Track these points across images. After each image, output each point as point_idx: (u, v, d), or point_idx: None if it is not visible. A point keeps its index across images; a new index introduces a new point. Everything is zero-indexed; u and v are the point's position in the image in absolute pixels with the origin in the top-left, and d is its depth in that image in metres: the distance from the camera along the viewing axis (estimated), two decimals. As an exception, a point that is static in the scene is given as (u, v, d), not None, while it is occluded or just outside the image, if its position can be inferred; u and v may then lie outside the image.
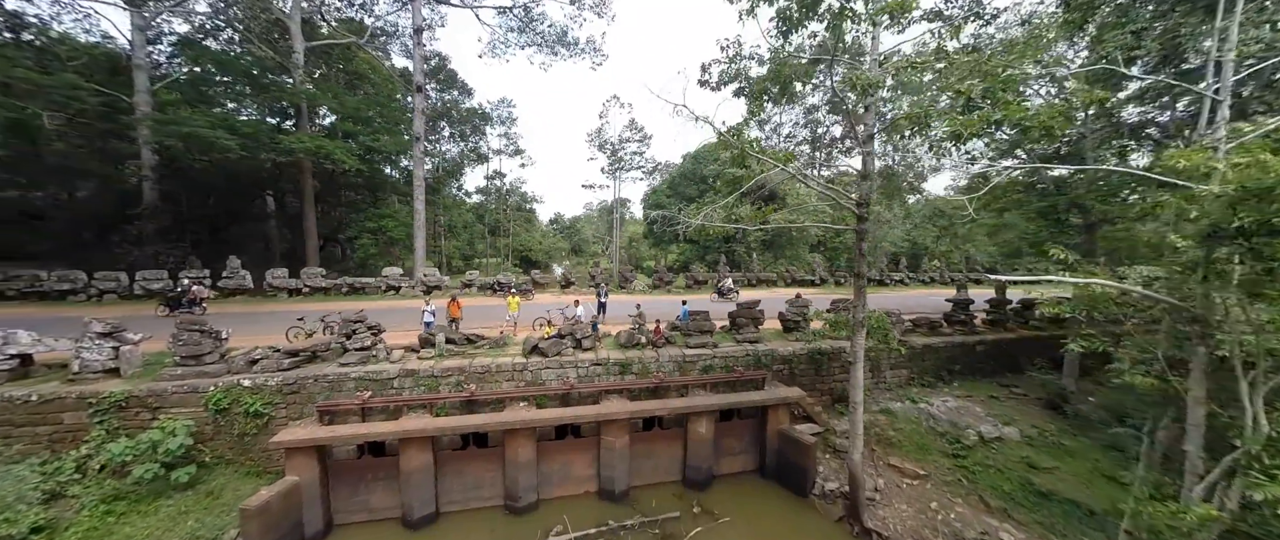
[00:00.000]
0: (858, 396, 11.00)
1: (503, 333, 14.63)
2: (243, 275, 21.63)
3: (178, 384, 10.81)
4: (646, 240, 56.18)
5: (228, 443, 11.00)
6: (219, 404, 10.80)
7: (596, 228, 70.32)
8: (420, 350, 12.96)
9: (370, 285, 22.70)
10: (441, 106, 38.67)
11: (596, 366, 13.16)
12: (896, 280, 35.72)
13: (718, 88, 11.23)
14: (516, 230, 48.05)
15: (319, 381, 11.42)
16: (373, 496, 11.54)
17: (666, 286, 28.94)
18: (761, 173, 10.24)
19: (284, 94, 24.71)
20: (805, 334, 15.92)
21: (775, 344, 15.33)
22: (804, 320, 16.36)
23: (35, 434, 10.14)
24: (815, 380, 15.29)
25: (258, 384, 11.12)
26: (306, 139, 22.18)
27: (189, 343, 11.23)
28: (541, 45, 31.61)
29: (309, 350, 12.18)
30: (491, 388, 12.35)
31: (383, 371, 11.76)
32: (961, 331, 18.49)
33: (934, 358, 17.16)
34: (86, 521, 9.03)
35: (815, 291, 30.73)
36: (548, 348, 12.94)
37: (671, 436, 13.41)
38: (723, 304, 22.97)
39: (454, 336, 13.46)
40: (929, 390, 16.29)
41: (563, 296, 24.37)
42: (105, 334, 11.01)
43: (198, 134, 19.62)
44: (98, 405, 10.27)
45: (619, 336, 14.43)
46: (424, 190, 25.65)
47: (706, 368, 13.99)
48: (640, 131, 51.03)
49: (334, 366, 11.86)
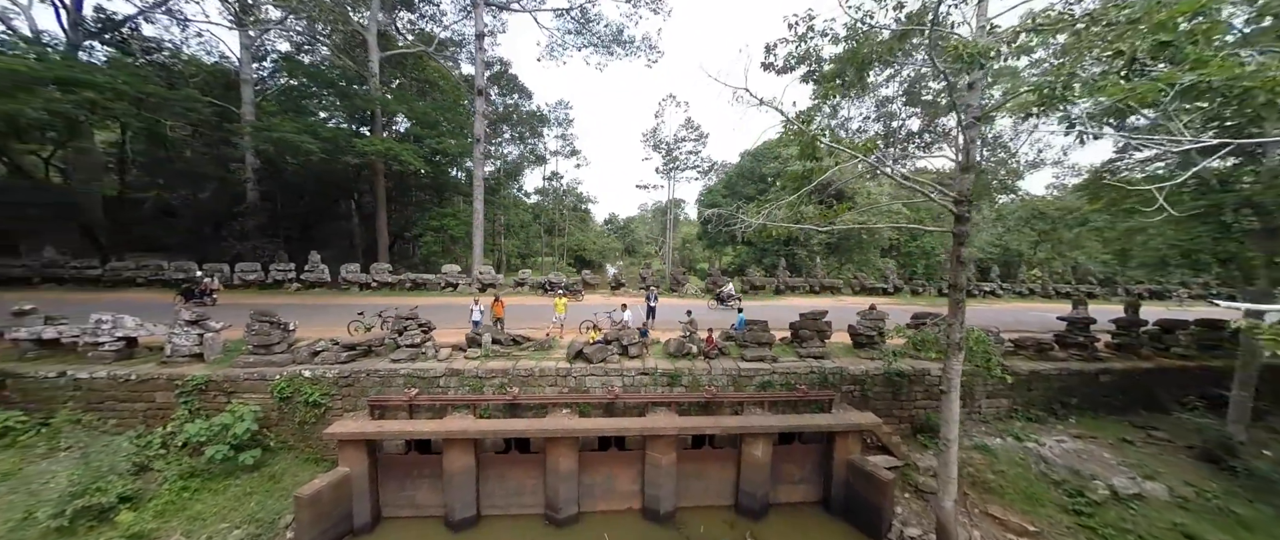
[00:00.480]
0: (951, 432, 9.22)
1: (548, 335, 14.26)
2: (321, 269, 23.33)
3: (248, 371, 11.45)
4: (701, 242, 54.70)
5: (290, 429, 11.49)
6: (282, 392, 11.29)
7: (650, 228, 69.86)
8: (467, 349, 12.87)
9: (430, 281, 23.59)
10: (503, 110, 39.97)
11: (643, 376, 12.33)
12: (987, 291, 31.53)
13: (783, 71, 9.96)
14: (572, 230, 48.67)
15: (371, 376, 11.62)
16: (418, 493, 11.53)
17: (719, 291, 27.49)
18: (835, 165, 8.85)
19: (362, 101, 26.51)
20: (881, 352, 14.03)
21: (844, 361, 13.63)
22: (879, 335, 14.46)
23: (133, 410, 11.16)
24: (892, 405, 13.39)
25: (317, 375, 11.51)
26: (378, 142, 23.55)
27: (259, 332, 11.88)
28: (597, 46, 31.55)
29: (365, 345, 12.50)
30: (534, 392, 11.94)
31: (430, 369, 11.75)
32: (1079, 356, 15.49)
33: (1043, 386, 14.47)
34: (165, 495, 9.68)
35: (888, 301, 27.80)
36: (593, 353, 12.32)
37: (723, 457, 12.25)
38: (722, 311, 21.21)
39: (500, 337, 13.26)
40: (1037, 426, 13.71)
41: (612, 298, 23.87)
42: (192, 322, 11.95)
43: (286, 139, 21.42)
44: (182, 387, 11.10)
45: (668, 344, 13.51)
46: (483, 191, 26.35)
47: (764, 384, 12.67)
48: (696, 130, 49.78)
49: (386, 362, 12.04)
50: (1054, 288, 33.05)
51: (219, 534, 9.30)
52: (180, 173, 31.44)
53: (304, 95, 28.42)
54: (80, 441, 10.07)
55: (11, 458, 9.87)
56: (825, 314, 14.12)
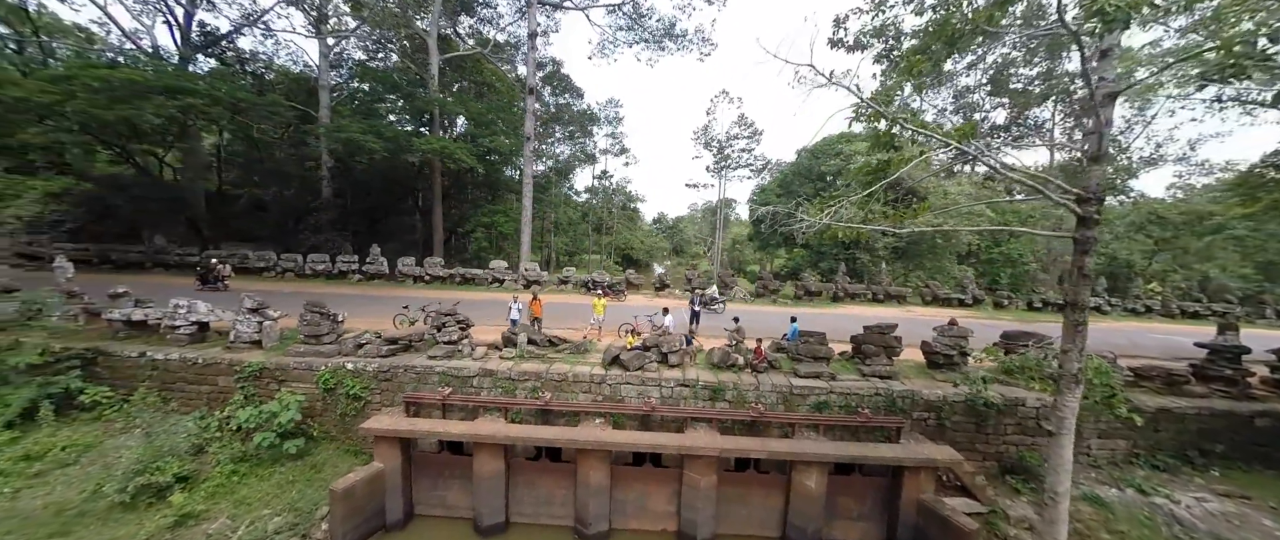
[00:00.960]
0: (1062, 483, 7.47)
1: (586, 337, 13.68)
2: (381, 262, 24.48)
3: (298, 360, 11.80)
4: (752, 243, 52.46)
5: (332, 420, 11.72)
6: (326, 383, 11.53)
7: (699, 228, 68.30)
8: (502, 349, 12.56)
9: (479, 276, 24.01)
10: (555, 109, 40.34)
11: (683, 387, 11.36)
12: (1091, 307, 27.19)
13: (854, 48, 8.64)
14: (620, 229, 48.37)
15: (408, 372, 11.58)
16: (450, 493, 11.34)
17: (772, 296, 25.80)
18: (918, 156, 7.40)
19: (422, 103, 27.60)
20: (963, 375, 12.09)
21: (917, 383, 11.87)
22: (960, 355, 12.49)
23: (199, 392, 11.86)
24: (975, 439, 11.46)
25: (358, 368, 11.64)
26: (434, 141, 24.34)
27: (310, 323, 12.24)
28: (649, 41, 30.84)
29: (406, 339, 12.55)
30: (567, 398, 11.35)
31: (464, 368, 11.52)
32: (1226, 393, 12.56)
33: (1175, 428, 11.83)
34: (217, 477, 10.09)
35: (966, 314, 24.73)
36: (629, 361, 11.54)
37: (770, 483, 11.02)
38: (711, 316, 19.40)
39: (536, 337, 12.84)
40: (1167, 478, 11.18)
41: (655, 299, 23.02)
42: (253, 310, 12.55)
43: (353, 139, 22.61)
44: (240, 373, 11.63)
45: (712, 354, 12.43)
46: (532, 188, 26.49)
47: (819, 404, 11.26)
48: (749, 127, 47.69)
49: (423, 358, 11.97)
50: (1178, 306, 27.96)
51: (261, 520, 9.51)
52: (270, 172, 34.57)
53: (374, 99, 30.27)
54: (150, 420, 10.75)
55: (95, 431, 10.75)
56: (894, 327, 12.40)
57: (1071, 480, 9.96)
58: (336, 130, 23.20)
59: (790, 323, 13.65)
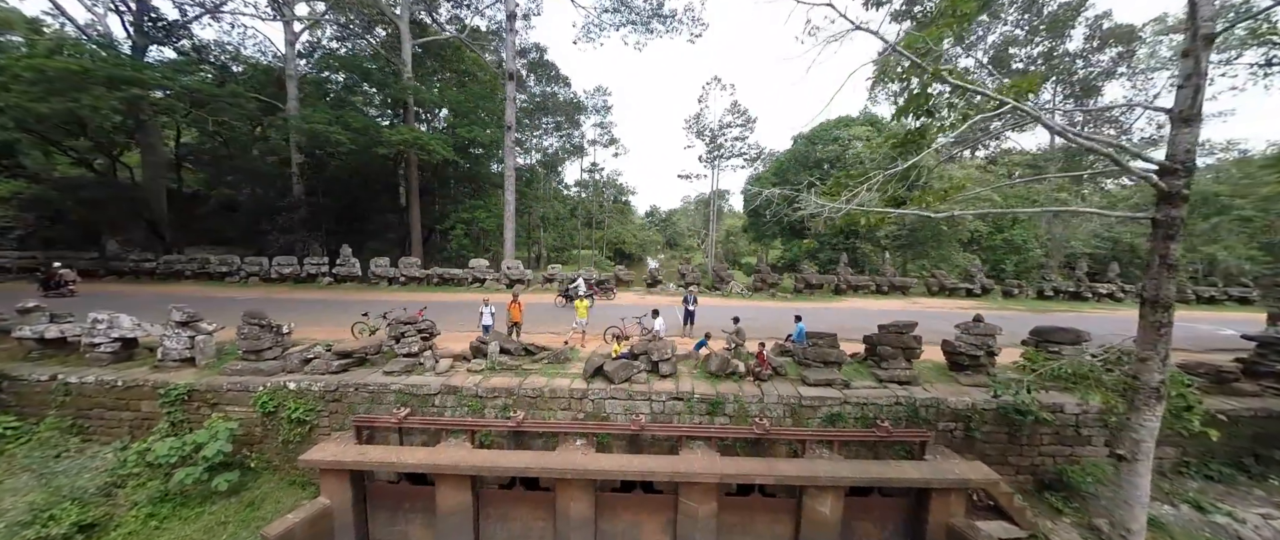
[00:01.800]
0: (1137, 520, 6.11)
1: (567, 343, 12.21)
2: (353, 263, 22.84)
3: (233, 380, 10.26)
4: (746, 234, 51.10)
5: (274, 448, 10.20)
6: (265, 406, 9.99)
7: (692, 221, 66.93)
8: (471, 360, 11.08)
9: (458, 277, 22.44)
10: (540, 98, 38.53)
11: (676, 401, 9.93)
12: (1103, 295, 26.08)
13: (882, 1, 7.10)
14: (611, 223, 46.79)
15: (360, 390, 10.06)
16: (412, 529, 9.89)
17: (771, 290, 24.40)
18: (958, 123, 5.93)
19: (395, 91, 25.79)
20: (998, 380, 10.73)
21: (940, 389, 10.51)
22: (987, 355, 11.13)
23: (120, 419, 10.30)
24: (1006, 451, 10.13)
25: (301, 388, 10.11)
26: (405, 131, 22.61)
27: (249, 336, 10.68)
28: (636, 23, 29.10)
29: (360, 352, 11.02)
30: (544, 417, 9.89)
31: (424, 385, 10.02)
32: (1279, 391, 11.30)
33: (1227, 431, 10.49)
34: (130, 524, 8.58)
35: (976, 305, 23.48)
36: (614, 371, 10.08)
37: (778, 508, 9.64)
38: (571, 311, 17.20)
39: (509, 346, 11.36)
40: (1223, 489, 9.92)
41: (646, 297, 21.56)
42: (183, 323, 10.96)
43: (317, 130, 20.83)
44: (166, 396, 10.08)
45: (708, 361, 11.00)
46: (514, 181, 24.87)
47: (832, 417, 9.87)
48: (742, 114, 46.20)
49: (379, 374, 10.46)
50: (1194, 291, 26.84)
51: (180, 574, 8.04)
52: (240, 170, 32.66)
53: (349, 89, 28.39)
54: (45, 457, 9.20)
55: (-9, 469, 9.20)
56: (912, 327, 11.00)
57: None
58: (298, 122, 21.42)
59: (795, 323, 12.24)
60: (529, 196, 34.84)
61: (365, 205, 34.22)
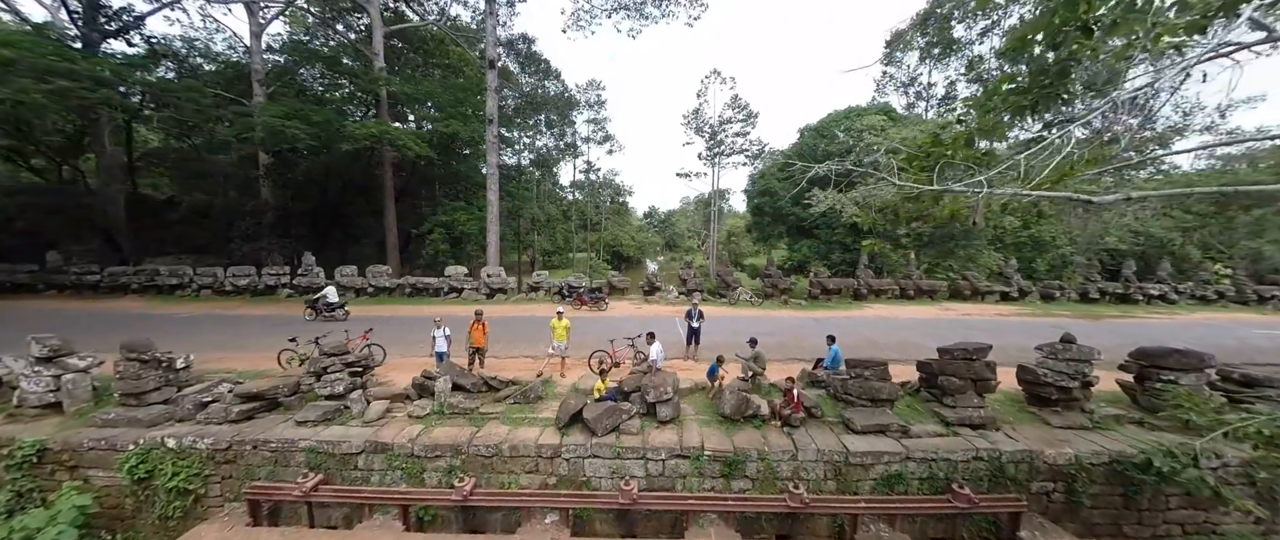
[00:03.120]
0: None
1: (541, 375, 9.75)
2: (316, 272, 20.44)
3: (100, 434, 7.81)
4: (749, 234, 48.63)
5: (150, 526, 7.74)
6: (134, 471, 7.54)
7: (692, 221, 64.57)
8: (415, 400, 8.62)
9: (433, 286, 20.02)
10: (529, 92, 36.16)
11: (680, 459, 7.44)
12: (1155, 296, 23.44)
13: None
14: (609, 224, 44.36)
15: (259, 449, 7.60)
16: (332, 629, 7.42)
17: (783, 296, 21.85)
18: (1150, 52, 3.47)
19: (365, 82, 23.46)
20: (1091, 417, 8.23)
21: (1028, 435, 7.99)
22: (1083, 386, 8.60)
23: (-49, 487, 7.87)
24: (1121, 518, 7.60)
25: (184, 445, 7.65)
26: (371, 125, 20.23)
27: (127, 375, 8.25)
28: (629, 7, 26.70)
29: (271, 393, 8.56)
30: (502, 483, 7.40)
31: (345, 440, 7.55)
32: None
33: None
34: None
35: (1014, 310, 20.96)
36: (598, 418, 7.60)
37: (819, 604, 7.14)
38: (326, 323, 15.01)
39: (466, 381, 8.89)
40: None
41: (643, 307, 19.06)
42: (45, 359, 8.54)
43: (272, 124, 18.50)
44: (9, 459, 7.65)
45: (721, 400, 8.50)
46: (497, 180, 22.46)
47: (889, 478, 7.36)
48: (744, 109, 43.81)
49: (288, 425, 8.00)
50: (1255, 290, 24.18)
51: None
52: (208, 173, 30.39)
53: (330, 86, 26.15)
54: None
55: None
56: (987, 350, 8.48)
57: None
58: (248, 115, 19.08)
59: (828, 344, 9.74)
60: (520, 198, 32.43)
61: (343, 209, 31.91)
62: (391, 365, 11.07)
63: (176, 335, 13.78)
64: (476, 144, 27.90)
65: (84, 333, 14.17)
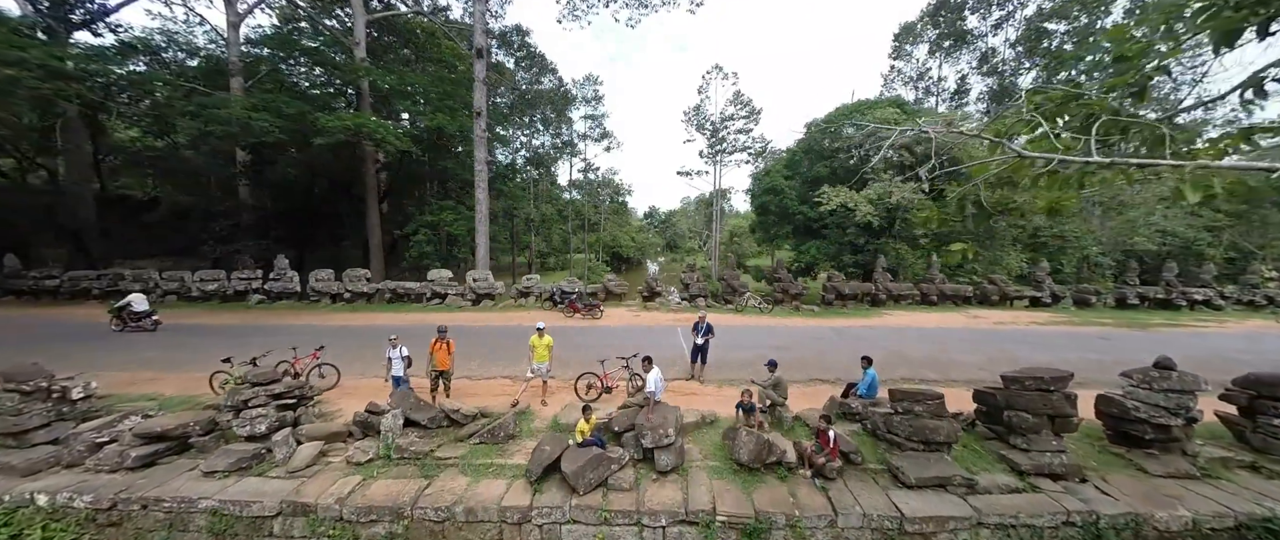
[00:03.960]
0: None
1: (517, 404, 8.13)
2: (290, 276, 18.90)
3: (-44, 489, 6.24)
4: (753, 235, 46.94)
5: (15, 606, 6.16)
6: (-8, 539, 5.96)
7: (693, 222, 62.92)
8: (358, 440, 7.02)
9: (414, 291, 18.44)
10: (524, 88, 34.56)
11: (685, 525, 5.79)
12: (1199, 301, 21.64)
13: None
14: (608, 225, 42.74)
15: (150, 509, 6.00)
16: None
17: (794, 303, 20.19)
18: None
19: (345, 73, 21.93)
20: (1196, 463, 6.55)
21: (1124, 487, 6.31)
22: (1186, 422, 6.91)
23: None
24: (1255, 598, 5.90)
25: (57, 504, 6.07)
26: (346, 117, 18.64)
27: (3, 411, 6.68)
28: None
29: (180, 431, 6.97)
30: (457, 554, 5.78)
31: (259, 499, 5.94)
32: None
33: None
34: None
35: (1047, 317, 19.26)
36: (577, 472, 5.96)
37: None
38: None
39: (422, 415, 7.26)
40: None
41: (643, 315, 17.40)
42: (-95, 388, 6.98)
43: (234, 115, 16.97)
44: None
45: (735, 445, 6.84)
46: (486, 178, 20.85)
47: (956, 549, 5.69)
48: (746, 105, 42.21)
49: (193, 476, 6.41)
50: (1306, 294, 22.31)
51: None
52: (184, 171, 28.92)
53: (313, 83, 24.62)
54: None
55: None
56: (1068, 379, 6.80)
57: None
58: (212, 107, 17.50)
59: (864, 368, 8.07)
60: (515, 197, 30.82)
61: (328, 210, 30.36)
62: (346, 389, 9.49)
63: (112, 350, 12.27)
64: (468, 140, 26.32)
65: (34, 344, 12.75)
